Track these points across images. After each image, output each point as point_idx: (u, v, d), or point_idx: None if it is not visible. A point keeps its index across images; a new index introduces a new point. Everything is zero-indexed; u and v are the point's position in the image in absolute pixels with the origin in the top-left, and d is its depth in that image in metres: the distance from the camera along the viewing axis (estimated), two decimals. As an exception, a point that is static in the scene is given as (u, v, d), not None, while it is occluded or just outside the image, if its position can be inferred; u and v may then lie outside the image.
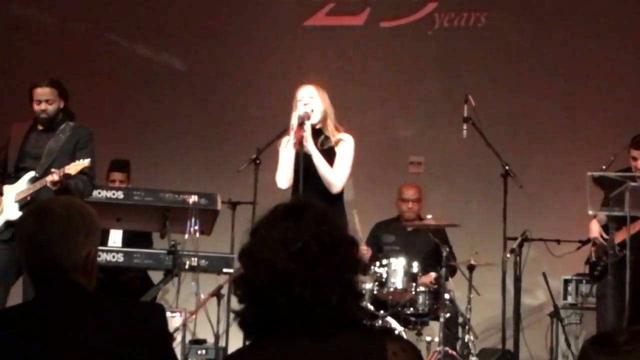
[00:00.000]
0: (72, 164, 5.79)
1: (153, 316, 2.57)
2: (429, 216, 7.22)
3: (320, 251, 2.16)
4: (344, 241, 2.22)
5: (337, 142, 5.87)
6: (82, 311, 2.52)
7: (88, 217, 2.61)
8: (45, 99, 6.05)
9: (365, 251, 6.89)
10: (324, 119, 5.87)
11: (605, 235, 6.70)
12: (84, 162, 5.80)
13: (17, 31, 9.41)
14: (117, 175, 7.70)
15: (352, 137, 5.93)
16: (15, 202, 5.92)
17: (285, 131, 5.98)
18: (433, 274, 7.02)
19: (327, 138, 5.88)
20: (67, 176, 5.75)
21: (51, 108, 6.07)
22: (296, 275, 2.13)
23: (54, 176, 5.74)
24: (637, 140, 6.71)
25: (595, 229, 6.75)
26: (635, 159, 6.69)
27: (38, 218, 2.58)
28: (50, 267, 2.54)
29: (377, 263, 6.76)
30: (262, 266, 2.16)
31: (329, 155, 5.85)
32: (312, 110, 5.82)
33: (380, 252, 7.39)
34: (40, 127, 6.13)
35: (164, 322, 2.59)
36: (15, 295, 5.75)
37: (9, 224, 5.87)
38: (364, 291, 6.38)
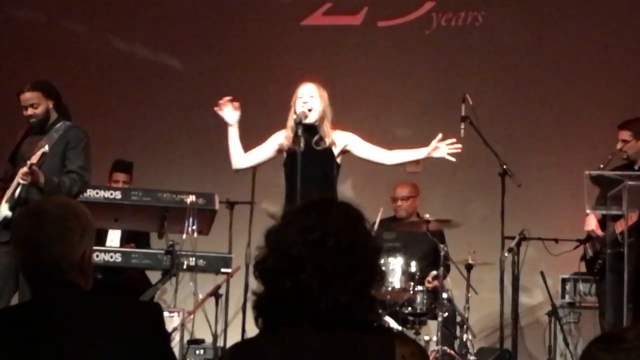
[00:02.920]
0: (36, 154, 5.79)
1: (150, 315, 2.57)
2: (427, 215, 7.22)
3: (336, 246, 2.17)
4: (364, 245, 2.22)
5: (332, 144, 5.88)
6: (80, 311, 2.52)
7: (83, 216, 2.61)
8: (30, 104, 6.00)
9: None
10: (321, 119, 5.87)
11: (600, 232, 6.70)
12: (43, 149, 5.79)
13: (12, 31, 9.40)
14: (120, 176, 7.71)
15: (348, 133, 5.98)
16: (5, 202, 5.90)
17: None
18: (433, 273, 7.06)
19: (321, 138, 5.88)
20: (33, 165, 5.72)
21: (38, 111, 6.01)
22: (307, 263, 2.14)
23: (24, 168, 5.72)
24: (623, 122, 6.89)
25: (592, 222, 6.77)
26: (618, 140, 6.82)
27: (33, 220, 2.58)
28: (47, 268, 2.54)
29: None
30: (277, 249, 2.19)
31: (324, 155, 5.85)
32: (310, 110, 5.83)
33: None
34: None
35: (161, 321, 2.59)
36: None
37: (4, 225, 5.85)
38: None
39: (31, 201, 5.57)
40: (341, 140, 5.92)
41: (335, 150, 5.89)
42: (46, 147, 5.82)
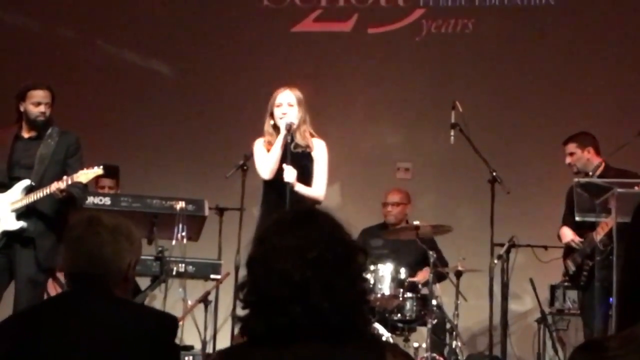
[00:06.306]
0: (82, 172, 5.78)
1: (165, 327, 2.73)
2: (416, 222, 7.22)
3: (335, 259, 2.14)
4: (355, 249, 2.20)
5: (308, 147, 5.89)
6: (99, 312, 2.69)
7: (131, 229, 2.89)
8: (45, 102, 5.99)
9: None
10: (298, 126, 5.90)
11: (578, 240, 6.68)
12: (98, 170, 5.81)
13: (3, 37, 9.39)
14: (106, 182, 7.68)
15: (325, 143, 5.97)
16: (12, 212, 5.87)
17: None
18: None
19: (297, 142, 5.89)
20: (74, 184, 5.74)
21: (47, 113, 6.00)
22: (313, 284, 2.10)
23: (61, 184, 5.71)
24: (567, 138, 6.94)
25: (568, 234, 6.75)
26: (566, 155, 6.85)
27: (89, 225, 2.81)
28: (95, 269, 2.74)
29: (365, 269, 6.74)
30: (276, 275, 2.11)
31: (302, 158, 5.86)
32: (291, 123, 5.84)
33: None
34: (26, 135, 6.06)
35: (174, 334, 2.75)
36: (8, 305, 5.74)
37: (5, 233, 5.84)
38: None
39: (40, 210, 5.72)
40: (316, 147, 5.93)
41: (313, 155, 5.90)
42: (100, 169, 5.84)
